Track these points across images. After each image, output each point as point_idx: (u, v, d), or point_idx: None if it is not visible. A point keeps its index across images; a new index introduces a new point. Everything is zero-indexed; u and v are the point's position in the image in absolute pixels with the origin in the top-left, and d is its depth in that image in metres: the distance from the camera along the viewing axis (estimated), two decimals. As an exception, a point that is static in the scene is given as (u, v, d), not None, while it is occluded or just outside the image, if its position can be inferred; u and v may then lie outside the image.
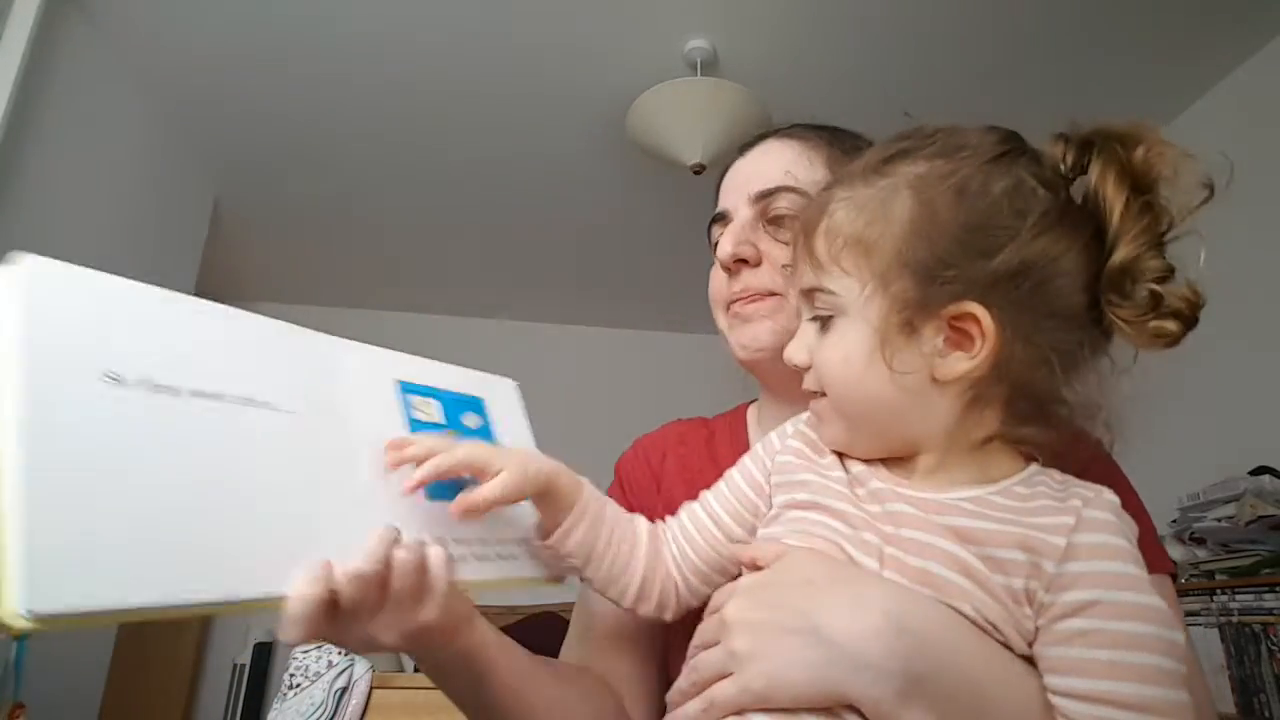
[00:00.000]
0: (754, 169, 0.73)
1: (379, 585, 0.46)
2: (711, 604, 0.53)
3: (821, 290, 0.50)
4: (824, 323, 0.50)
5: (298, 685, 1.12)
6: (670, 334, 3.99)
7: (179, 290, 0.51)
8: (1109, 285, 0.46)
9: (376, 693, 1.13)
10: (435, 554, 0.49)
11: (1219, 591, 1.88)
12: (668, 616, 0.59)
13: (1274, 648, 1.74)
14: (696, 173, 2.20)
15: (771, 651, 0.45)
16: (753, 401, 0.81)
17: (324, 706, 1.09)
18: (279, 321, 0.55)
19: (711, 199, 0.77)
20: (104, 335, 0.44)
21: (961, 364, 0.46)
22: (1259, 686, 1.74)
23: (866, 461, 0.52)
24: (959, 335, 0.46)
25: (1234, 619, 1.83)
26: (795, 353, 0.53)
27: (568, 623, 0.75)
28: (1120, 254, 0.46)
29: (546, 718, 0.60)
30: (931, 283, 0.46)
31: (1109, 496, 0.47)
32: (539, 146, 2.68)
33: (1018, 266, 0.45)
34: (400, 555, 0.47)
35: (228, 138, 2.62)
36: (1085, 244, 0.47)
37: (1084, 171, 0.48)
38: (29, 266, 0.43)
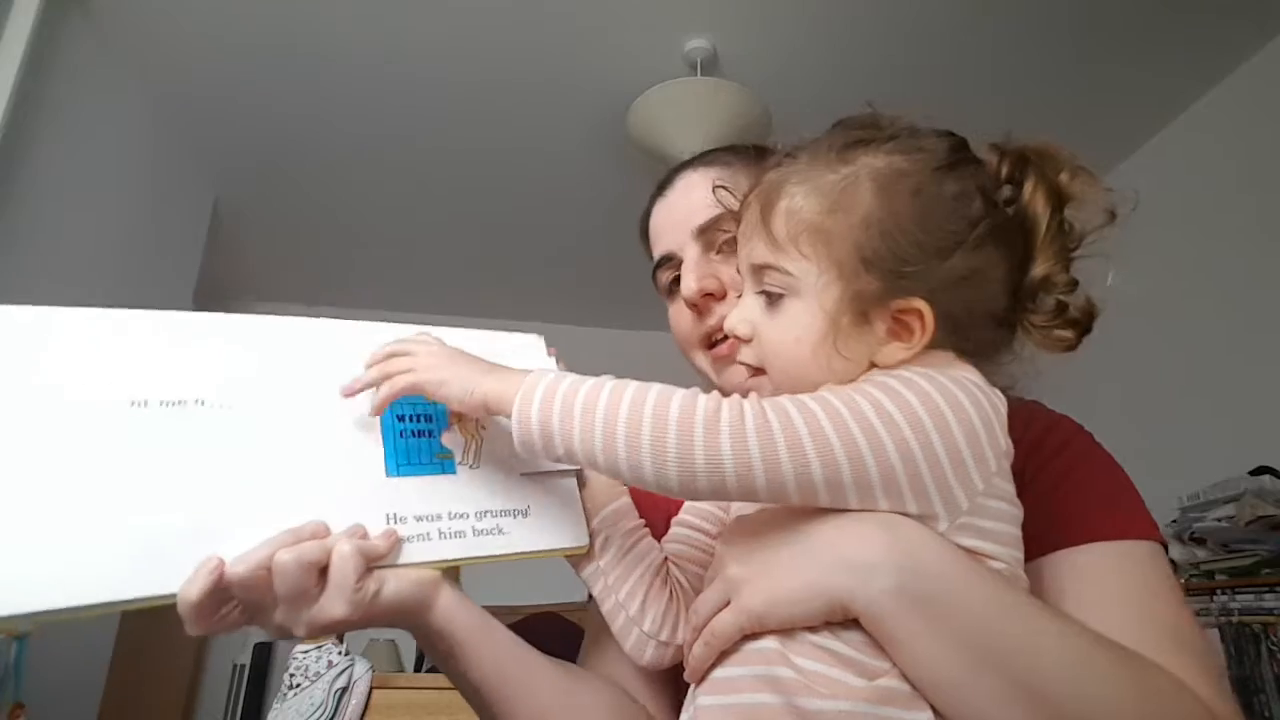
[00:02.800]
0: (685, 205, 0.73)
1: (263, 586, 0.48)
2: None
3: (776, 269, 0.51)
4: (772, 300, 0.52)
5: (298, 685, 1.12)
6: (669, 334, 3.99)
7: (180, 291, 0.52)
8: (1026, 293, 0.51)
9: (376, 693, 1.13)
10: (341, 552, 0.49)
11: (1219, 591, 1.88)
12: (665, 662, 0.59)
13: (1274, 648, 1.74)
14: (696, 173, 2.20)
15: (765, 568, 0.46)
16: None
17: (324, 706, 1.09)
18: (239, 317, 0.56)
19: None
20: (33, 362, 0.48)
21: (899, 353, 0.49)
22: (1259, 686, 1.74)
23: None
24: (900, 326, 0.49)
25: (1234, 619, 1.83)
26: (738, 324, 0.54)
27: (569, 623, 0.75)
28: (1040, 267, 0.50)
29: (546, 709, 0.58)
30: (887, 277, 0.48)
31: None
32: (539, 146, 2.68)
33: (965, 271, 0.49)
34: (280, 558, 0.47)
35: (228, 138, 2.61)
36: (1015, 255, 0.51)
37: (1015, 183, 0.52)
38: None
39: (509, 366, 0.52)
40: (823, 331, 0.49)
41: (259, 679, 3.34)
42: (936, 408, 0.44)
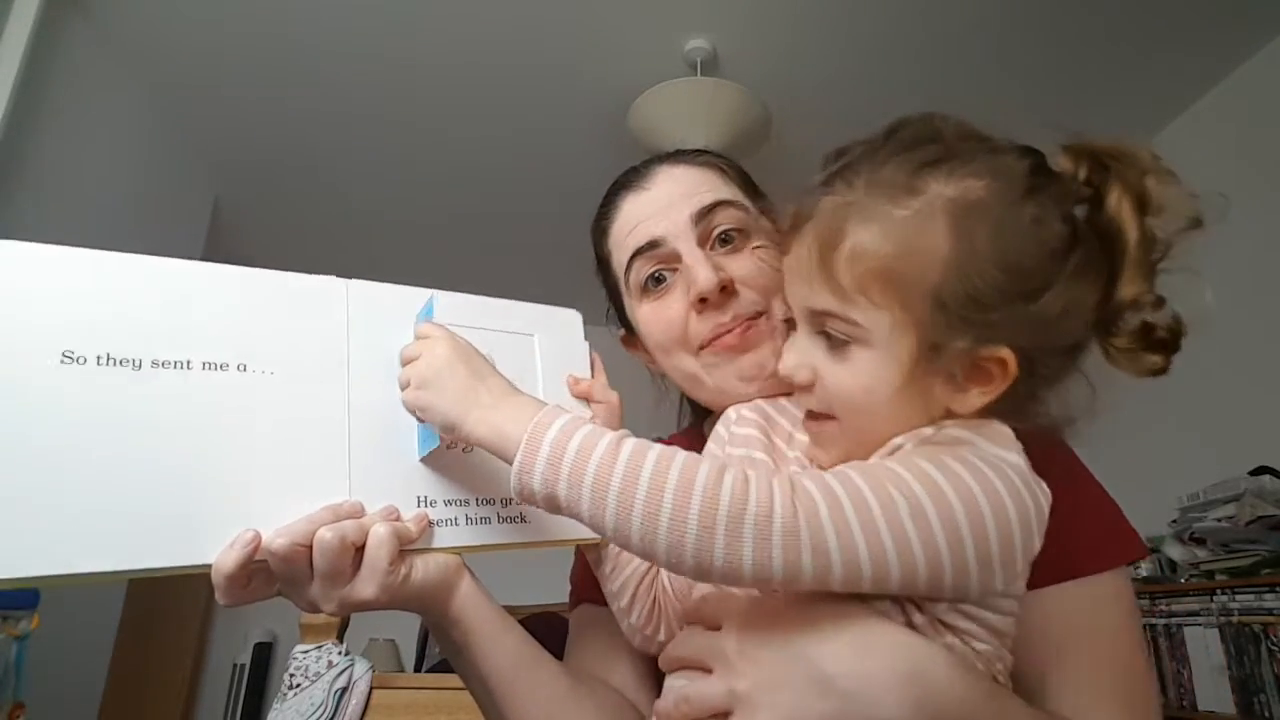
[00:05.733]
0: (675, 191, 0.68)
1: (301, 560, 0.47)
2: (691, 610, 0.52)
3: (842, 319, 0.47)
4: (835, 344, 0.48)
5: (298, 685, 1.12)
6: (670, 334, 3.99)
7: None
8: (1110, 316, 0.46)
9: (377, 693, 1.13)
10: (378, 534, 0.49)
11: (1219, 591, 1.88)
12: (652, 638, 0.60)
13: (1274, 648, 1.74)
14: (697, 173, 2.21)
15: (779, 700, 0.43)
16: (705, 417, 0.76)
17: (324, 706, 1.09)
18: (285, 275, 0.54)
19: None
20: (63, 312, 0.45)
21: (977, 399, 0.46)
22: (1259, 686, 1.74)
23: None
24: (978, 371, 0.46)
25: (1234, 619, 1.83)
26: (797, 370, 0.49)
27: (568, 623, 0.75)
28: (1127, 288, 0.45)
29: (552, 710, 0.58)
30: (967, 325, 0.44)
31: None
32: (540, 146, 2.68)
33: (1056, 314, 0.44)
34: (322, 535, 0.47)
35: (228, 137, 2.62)
36: (1102, 278, 0.46)
37: (1094, 188, 0.47)
38: None
39: (505, 393, 0.49)
40: (897, 383, 0.46)
41: (259, 679, 3.35)
42: (978, 514, 0.41)
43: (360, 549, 0.49)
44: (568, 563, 0.76)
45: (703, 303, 0.65)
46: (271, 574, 0.48)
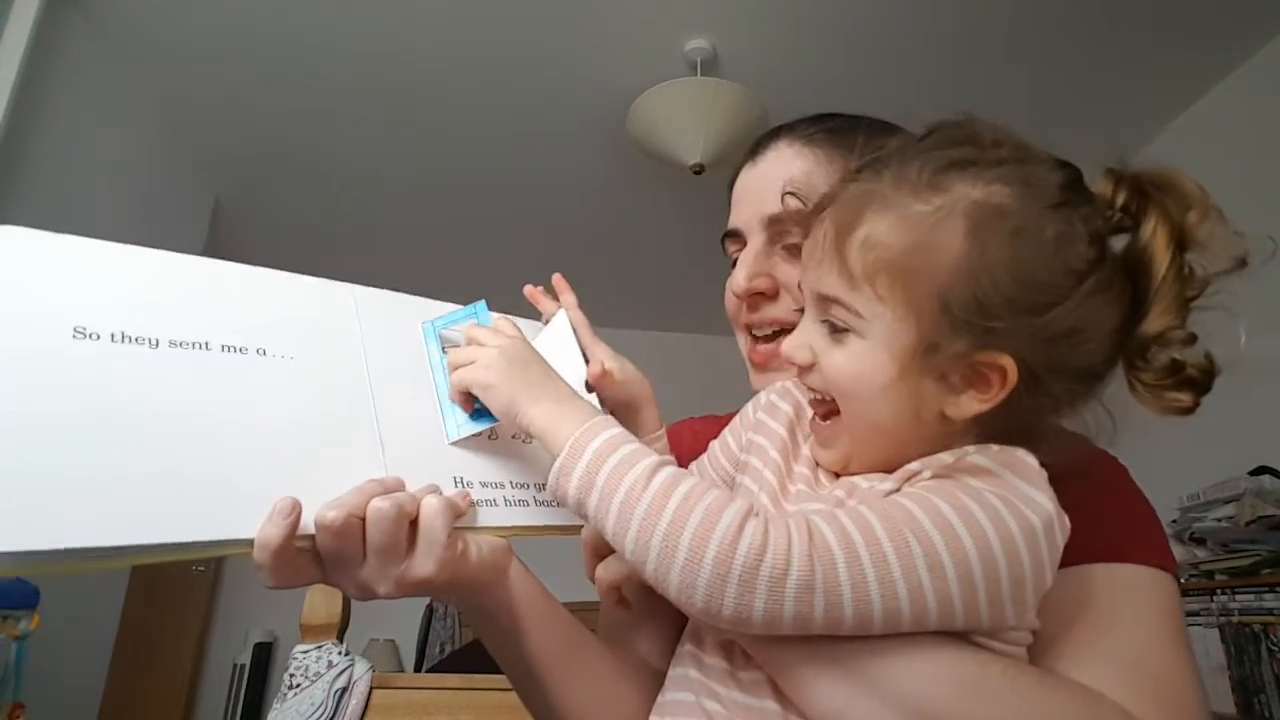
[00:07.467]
0: (767, 183, 0.69)
1: (354, 535, 0.45)
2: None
3: (845, 306, 0.46)
4: (836, 331, 0.47)
5: (297, 685, 1.12)
6: (670, 334, 3.99)
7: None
8: (1136, 349, 0.45)
9: (376, 693, 1.13)
10: (432, 505, 0.47)
11: (1219, 591, 1.88)
12: None
13: (1274, 648, 1.74)
14: (696, 173, 2.21)
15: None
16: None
17: (324, 706, 1.08)
18: (290, 274, 0.55)
19: (712, 199, 0.76)
20: (72, 293, 0.45)
21: (973, 405, 0.45)
22: (1259, 686, 1.74)
23: None
24: (976, 376, 0.45)
25: (1234, 619, 1.83)
26: (796, 351, 0.50)
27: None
28: (1155, 322, 0.44)
29: (595, 692, 0.57)
30: (969, 330, 0.43)
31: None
32: (539, 147, 2.68)
33: (1063, 330, 0.43)
34: (377, 505, 0.45)
35: (229, 138, 2.62)
36: (1124, 305, 0.45)
37: (1131, 215, 0.46)
38: None
39: (568, 395, 0.51)
40: (889, 379, 0.45)
41: (259, 679, 3.35)
42: (992, 563, 0.40)
43: (413, 524, 0.47)
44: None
45: (739, 298, 0.69)
46: (318, 554, 0.46)
